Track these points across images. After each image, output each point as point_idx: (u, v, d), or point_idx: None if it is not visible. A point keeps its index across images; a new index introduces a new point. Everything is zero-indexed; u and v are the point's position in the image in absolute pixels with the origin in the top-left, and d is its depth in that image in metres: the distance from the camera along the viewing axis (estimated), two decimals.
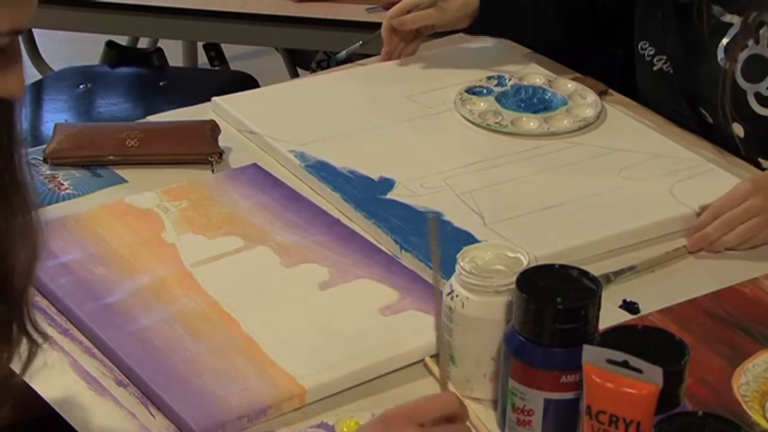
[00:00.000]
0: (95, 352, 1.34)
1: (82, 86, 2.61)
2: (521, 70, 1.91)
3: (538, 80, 1.86)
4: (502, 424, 1.23)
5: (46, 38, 2.91)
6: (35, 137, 2.37)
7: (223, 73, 3.09)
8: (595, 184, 1.63)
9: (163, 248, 1.49)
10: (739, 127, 1.70)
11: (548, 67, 1.94)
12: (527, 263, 1.26)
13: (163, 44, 3.02)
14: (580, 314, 1.16)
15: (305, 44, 2.58)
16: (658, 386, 1.06)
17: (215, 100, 1.85)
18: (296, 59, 3.01)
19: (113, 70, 2.72)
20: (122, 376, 1.31)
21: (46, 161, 1.68)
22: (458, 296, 1.25)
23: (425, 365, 1.32)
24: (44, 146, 1.70)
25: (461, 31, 1.94)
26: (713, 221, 1.51)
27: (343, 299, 1.40)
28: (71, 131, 1.72)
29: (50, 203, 1.59)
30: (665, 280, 1.48)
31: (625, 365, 1.07)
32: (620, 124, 1.79)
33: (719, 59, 1.71)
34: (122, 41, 2.99)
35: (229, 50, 3.28)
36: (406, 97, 1.84)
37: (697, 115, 1.77)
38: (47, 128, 2.41)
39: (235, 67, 3.22)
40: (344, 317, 1.37)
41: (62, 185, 1.64)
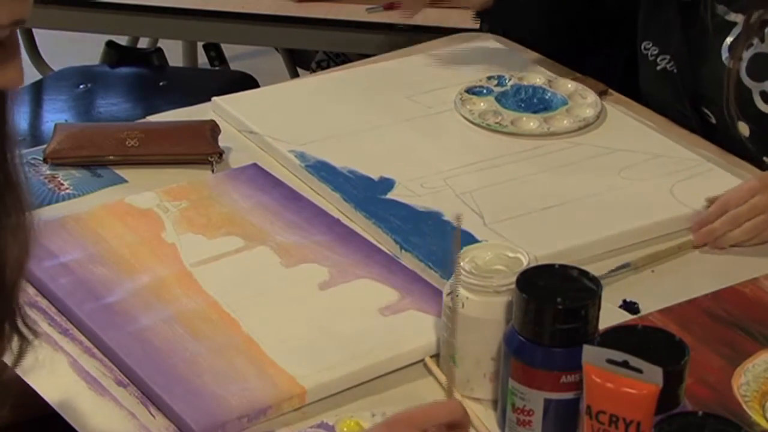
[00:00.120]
0: (95, 352, 1.34)
1: (82, 86, 2.61)
2: (521, 70, 1.91)
3: (538, 80, 1.86)
4: (502, 424, 1.23)
5: (46, 38, 2.90)
6: (35, 137, 2.37)
7: (223, 73, 3.08)
8: (595, 184, 1.63)
9: (163, 248, 1.49)
10: (744, 126, 1.69)
11: (548, 67, 1.93)
12: (527, 263, 1.26)
13: (163, 44, 3.01)
14: (580, 314, 1.16)
15: (305, 44, 2.57)
16: (658, 386, 1.06)
17: (215, 100, 1.84)
18: (296, 59, 3.01)
19: (113, 70, 2.72)
20: (122, 376, 1.30)
21: (46, 161, 1.68)
22: (458, 296, 1.25)
23: (425, 365, 1.32)
24: (44, 146, 1.70)
25: (471, 30, 1.95)
26: (720, 215, 1.51)
27: (343, 299, 1.40)
28: (71, 131, 1.72)
29: (50, 203, 1.59)
30: (665, 280, 1.48)
31: (625, 365, 1.07)
32: (620, 124, 1.79)
33: (723, 58, 1.71)
34: (122, 41, 2.99)
35: (229, 50, 3.27)
36: (406, 97, 1.84)
37: (699, 115, 1.77)
38: (47, 128, 2.41)
39: (235, 67, 3.21)
40: (344, 317, 1.37)
41: (62, 185, 1.64)
